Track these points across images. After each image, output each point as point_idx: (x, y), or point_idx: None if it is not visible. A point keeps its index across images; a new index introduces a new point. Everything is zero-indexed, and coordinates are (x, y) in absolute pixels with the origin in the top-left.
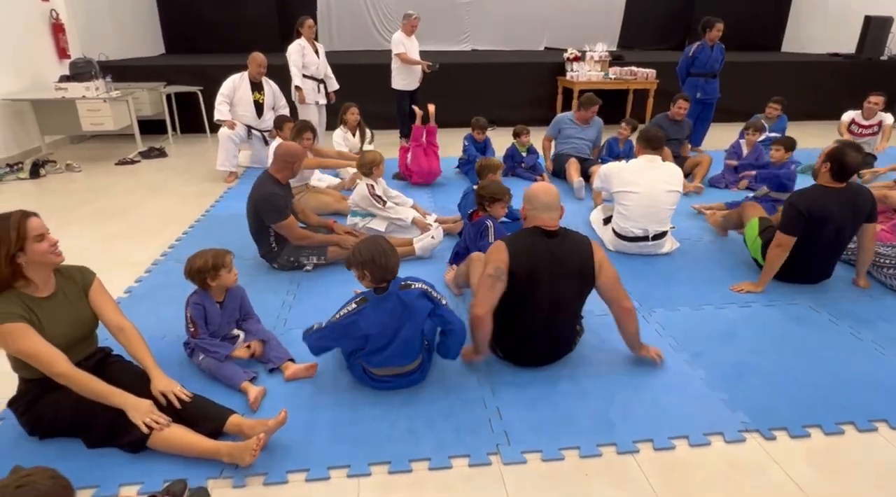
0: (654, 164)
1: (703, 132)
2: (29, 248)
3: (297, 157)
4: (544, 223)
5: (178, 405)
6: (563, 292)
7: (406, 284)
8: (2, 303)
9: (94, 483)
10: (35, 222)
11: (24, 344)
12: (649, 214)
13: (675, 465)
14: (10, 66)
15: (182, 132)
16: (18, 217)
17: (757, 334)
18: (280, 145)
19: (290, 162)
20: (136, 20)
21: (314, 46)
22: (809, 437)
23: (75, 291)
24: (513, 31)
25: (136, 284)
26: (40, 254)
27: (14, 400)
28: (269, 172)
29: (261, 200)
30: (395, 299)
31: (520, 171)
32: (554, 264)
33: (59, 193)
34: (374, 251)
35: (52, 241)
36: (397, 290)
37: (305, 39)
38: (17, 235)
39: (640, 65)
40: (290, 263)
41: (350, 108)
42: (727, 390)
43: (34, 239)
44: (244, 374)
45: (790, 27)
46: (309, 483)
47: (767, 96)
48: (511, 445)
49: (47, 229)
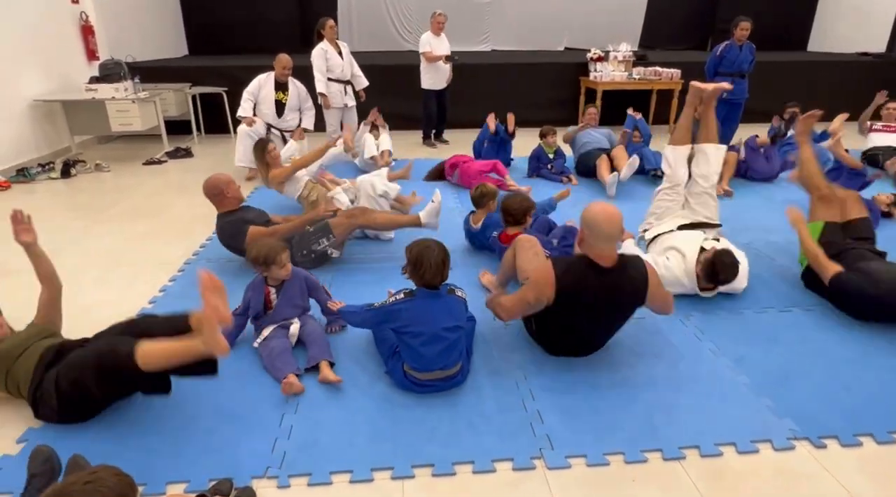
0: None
1: (730, 133)
2: None
3: (219, 190)
4: (600, 256)
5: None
6: (609, 322)
7: (453, 289)
8: None
9: (141, 481)
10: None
11: None
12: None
13: (724, 472)
14: (41, 68)
15: (206, 132)
16: None
17: (799, 339)
18: (204, 186)
19: (216, 194)
20: (161, 22)
21: (337, 47)
22: (861, 446)
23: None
24: (532, 31)
25: (170, 283)
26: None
27: (34, 411)
28: (218, 214)
29: (224, 239)
30: (443, 300)
31: (545, 172)
32: (604, 299)
33: (89, 193)
34: (422, 257)
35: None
36: (445, 293)
37: (328, 41)
38: None
39: (664, 65)
40: (310, 259)
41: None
42: (772, 397)
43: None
44: (294, 368)
45: (817, 26)
46: (353, 484)
47: (792, 97)
48: (555, 450)
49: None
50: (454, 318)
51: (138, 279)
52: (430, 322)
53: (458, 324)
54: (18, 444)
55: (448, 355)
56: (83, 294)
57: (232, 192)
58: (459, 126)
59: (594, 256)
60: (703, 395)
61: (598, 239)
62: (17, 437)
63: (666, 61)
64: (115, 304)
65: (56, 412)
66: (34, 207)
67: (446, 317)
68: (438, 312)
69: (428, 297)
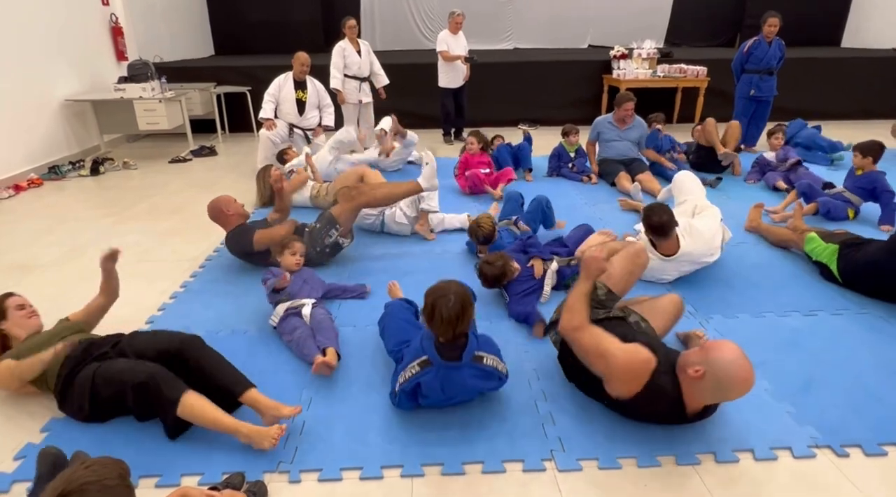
0: (671, 260)
1: (758, 132)
2: (10, 318)
3: (221, 211)
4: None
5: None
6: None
7: (479, 357)
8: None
9: (157, 472)
10: (14, 300)
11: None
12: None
13: (741, 479)
14: (73, 68)
15: (230, 131)
16: (2, 296)
17: (824, 345)
18: (208, 209)
19: (217, 215)
20: (188, 23)
21: (356, 46)
22: (886, 456)
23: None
24: (555, 28)
25: (191, 279)
26: (18, 319)
27: (60, 403)
28: (227, 235)
29: (236, 251)
30: (463, 373)
31: (566, 171)
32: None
33: (117, 190)
34: (436, 306)
35: (30, 312)
36: (469, 362)
37: (348, 40)
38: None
39: (689, 62)
40: (322, 253)
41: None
42: (794, 403)
43: (15, 308)
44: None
45: (851, 21)
46: (363, 481)
47: (826, 94)
48: (566, 452)
49: (25, 303)
50: (472, 389)
51: (161, 275)
52: (445, 394)
53: (471, 393)
54: (42, 433)
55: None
56: None
57: (233, 210)
58: (482, 124)
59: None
60: None
61: (717, 393)
62: (41, 426)
63: (691, 58)
64: (137, 299)
65: (85, 413)
66: (64, 204)
67: (463, 392)
68: (455, 387)
69: (445, 369)
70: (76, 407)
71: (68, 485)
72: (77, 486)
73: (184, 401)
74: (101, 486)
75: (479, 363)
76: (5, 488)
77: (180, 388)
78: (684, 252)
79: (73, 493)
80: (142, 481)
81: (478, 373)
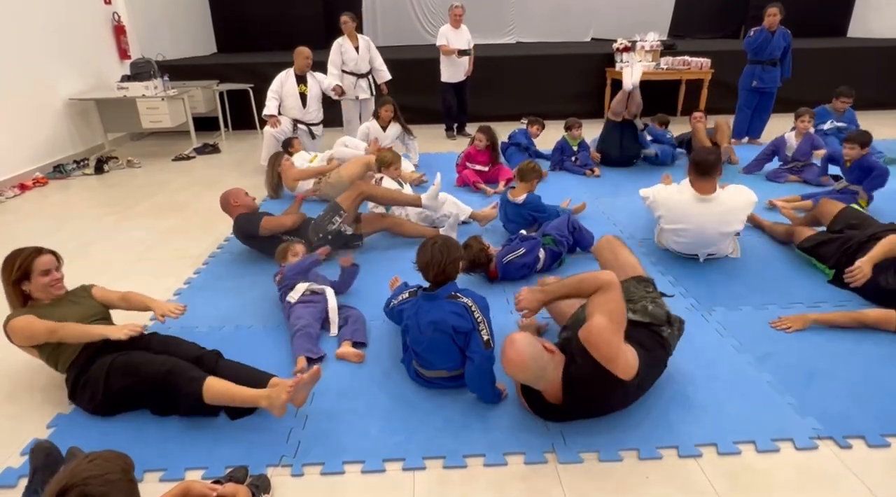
0: (705, 200)
1: (762, 124)
2: (34, 280)
3: (226, 198)
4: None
5: (175, 316)
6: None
7: (454, 295)
8: (15, 310)
9: (161, 466)
10: (43, 260)
11: (22, 323)
12: (702, 245)
13: (742, 471)
14: (76, 67)
15: (233, 128)
16: (28, 254)
17: (827, 337)
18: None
19: (225, 206)
20: (191, 21)
21: (355, 41)
22: (889, 447)
23: (79, 295)
24: (558, 21)
25: (194, 276)
26: (41, 286)
27: (69, 393)
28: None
29: (241, 236)
30: (437, 305)
31: (569, 165)
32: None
33: (121, 188)
34: (429, 249)
35: (56, 278)
36: (444, 298)
37: (346, 36)
38: (21, 267)
39: (693, 54)
40: (325, 240)
41: (385, 104)
42: (796, 395)
43: (40, 273)
44: (313, 351)
45: (857, 10)
46: (365, 475)
47: (831, 85)
48: (567, 445)
49: (56, 266)
50: (441, 319)
51: (164, 272)
52: (417, 321)
53: (441, 332)
54: (48, 428)
55: (440, 358)
56: (112, 286)
57: (239, 200)
58: (484, 119)
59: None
60: (722, 392)
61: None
62: (47, 422)
63: (695, 50)
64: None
65: (97, 403)
66: (69, 202)
67: (432, 317)
68: (426, 313)
69: (423, 299)
70: (88, 396)
71: (71, 478)
72: (80, 479)
73: (207, 385)
74: (104, 481)
75: (452, 300)
76: (13, 483)
77: (201, 375)
78: (719, 196)
79: (77, 486)
80: (146, 475)
81: (453, 308)
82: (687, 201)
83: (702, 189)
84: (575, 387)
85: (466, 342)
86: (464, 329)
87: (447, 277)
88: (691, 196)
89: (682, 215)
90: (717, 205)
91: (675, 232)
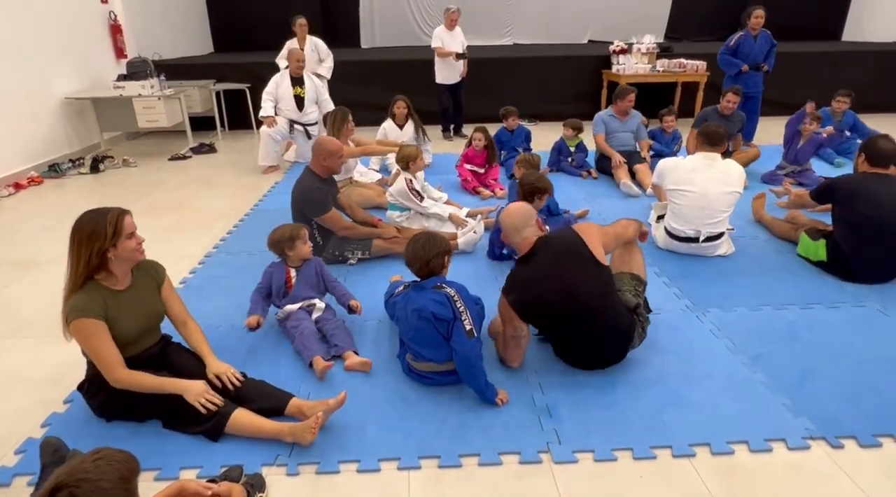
0: (712, 163)
1: (752, 128)
2: (120, 244)
3: (327, 152)
4: (520, 247)
5: (231, 387)
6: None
7: (439, 286)
8: (86, 296)
9: (156, 466)
10: (129, 220)
11: (94, 342)
12: (703, 215)
13: (735, 470)
14: (72, 66)
15: (230, 128)
16: (117, 214)
17: (821, 337)
18: (316, 141)
19: (320, 156)
20: (187, 20)
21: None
22: (881, 447)
23: (149, 285)
24: (555, 24)
25: (190, 275)
26: (129, 251)
27: (83, 384)
28: (309, 168)
29: (301, 196)
30: (422, 295)
31: (565, 165)
32: (562, 280)
33: (117, 187)
34: (413, 244)
35: (140, 240)
36: (430, 289)
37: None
38: (114, 232)
39: (689, 56)
40: (335, 257)
41: (397, 101)
42: (789, 395)
43: (126, 236)
44: (322, 351)
45: (852, 14)
46: (360, 474)
47: (827, 89)
48: (562, 444)
49: (136, 228)
50: (422, 307)
51: None
52: (405, 310)
53: (424, 321)
54: (42, 427)
55: (428, 350)
56: None
57: (333, 163)
58: (481, 120)
59: (519, 249)
60: (716, 392)
61: (511, 234)
62: (41, 421)
63: (691, 53)
64: None
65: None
66: (64, 201)
67: (415, 305)
68: (412, 302)
69: (412, 290)
70: (102, 400)
71: (68, 477)
72: (74, 480)
73: (233, 419)
74: (95, 487)
75: (437, 291)
76: (6, 481)
77: (230, 407)
78: (720, 160)
79: (69, 486)
80: (141, 475)
81: (435, 296)
82: (692, 165)
83: (708, 155)
84: (546, 243)
85: (449, 332)
86: (444, 317)
87: (431, 271)
88: (698, 159)
89: (688, 175)
90: (720, 165)
91: (682, 194)
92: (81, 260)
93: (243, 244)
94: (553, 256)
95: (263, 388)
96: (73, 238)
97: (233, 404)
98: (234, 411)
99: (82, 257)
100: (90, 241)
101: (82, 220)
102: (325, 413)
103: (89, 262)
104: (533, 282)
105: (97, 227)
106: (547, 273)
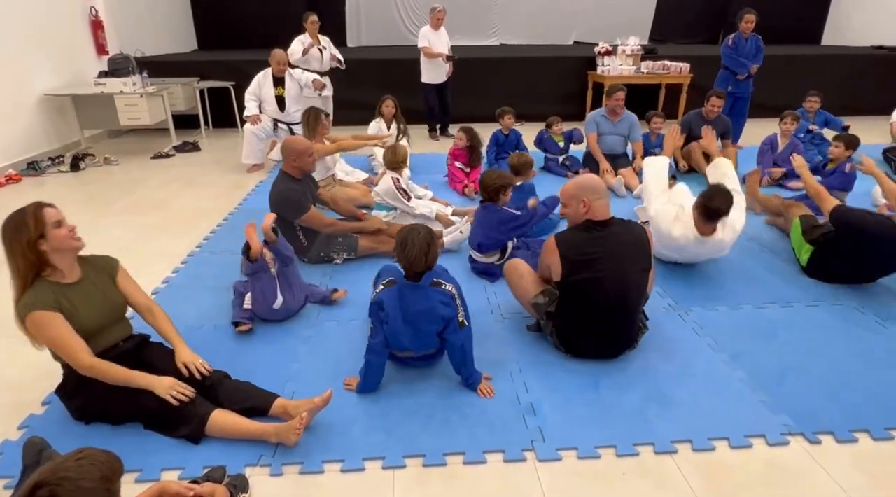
0: (704, 241)
1: (738, 129)
2: (49, 234)
3: (296, 152)
4: (599, 211)
5: (199, 376)
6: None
7: (438, 282)
8: (34, 292)
9: (137, 467)
10: (51, 211)
11: (52, 332)
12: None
13: (716, 466)
14: (52, 62)
15: (214, 126)
16: (34, 207)
17: (799, 335)
18: (283, 143)
19: (290, 157)
20: (171, 17)
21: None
22: (857, 443)
23: (102, 278)
24: (541, 24)
25: (173, 275)
26: (61, 239)
27: (60, 387)
28: (283, 170)
29: (278, 200)
30: (422, 293)
31: (552, 165)
32: (611, 253)
33: (97, 186)
34: (407, 238)
35: (71, 227)
36: (427, 286)
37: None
38: (35, 222)
39: (673, 58)
40: (320, 258)
41: (385, 100)
42: (768, 392)
43: (53, 225)
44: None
45: (831, 19)
46: (344, 473)
47: (806, 91)
48: (546, 442)
49: (64, 217)
50: (428, 315)
51: (143, 271)
52: (403, 310)
53: (430, 320)
54: (19, 430)
55: (420, 343)
56: None
57: (305, 163)
58: (468, 120)
59: (595, 212)
60: (697, 389)
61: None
62: (18, 422)
63: (675, 55)
64: None
65: (83, 414)
66: (43, 199)
67: (420, 307)
68: (414, 303)
69: (407, 287)
70: (80, 404)
71: (50, 475)
72: (56, 478)
73: (212, 420)
74: (76, 486)
75: (436, 288)
76: None
77: (208, 408)
78: (717, 238)
79: (50, 484)
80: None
81: (441, 297)
82: (684, 242)
83: (705, 231)
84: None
85: (445, 328)
86: (449, 317)
87: (429, 267)
88: (693, 236)
89: (679, 249)
90: (715, 243)
91: (668, 256)
92: (17, 258)
93: (226, 244)
94: (619, 241)
95: (248, 388)
96: (4, 240)
97: (210, 405)
98: (213, 413)
99: (17, 255)
100: (18, 237)
101: (6, 220)
102: (310, 412)
103: (26, 258)
104: (593, 253)
105: (19, 222)
106: (611, 253)
